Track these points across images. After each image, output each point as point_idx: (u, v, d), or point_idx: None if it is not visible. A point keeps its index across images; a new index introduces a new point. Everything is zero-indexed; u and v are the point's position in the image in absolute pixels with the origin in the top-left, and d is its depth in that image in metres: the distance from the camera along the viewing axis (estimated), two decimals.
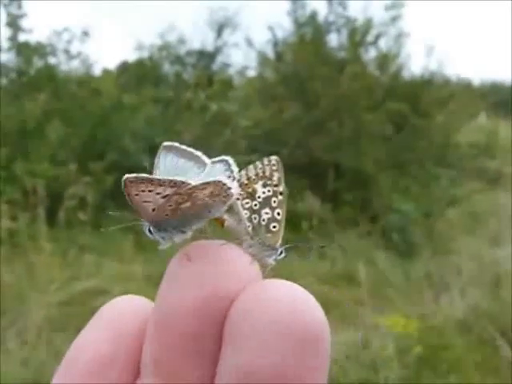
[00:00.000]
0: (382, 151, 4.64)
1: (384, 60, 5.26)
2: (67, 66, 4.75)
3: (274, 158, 0.22)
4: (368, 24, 5.12)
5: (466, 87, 6.92)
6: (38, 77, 4.38)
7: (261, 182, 0.21)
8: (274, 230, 0.21)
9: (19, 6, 4.31)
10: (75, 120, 4.21)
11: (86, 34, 4.45)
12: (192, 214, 0.24)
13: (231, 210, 0.22)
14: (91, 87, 4.65)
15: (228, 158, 0.25)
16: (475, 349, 2.53)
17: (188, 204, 0.23)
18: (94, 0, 7.28)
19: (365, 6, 5.04)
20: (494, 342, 2.52)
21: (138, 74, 5.57)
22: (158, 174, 0.26)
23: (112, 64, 6.99)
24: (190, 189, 0.22)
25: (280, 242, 0.21)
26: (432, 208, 4.32)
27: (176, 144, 0.27)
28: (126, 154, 4.06)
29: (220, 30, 5.97)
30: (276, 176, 0.21)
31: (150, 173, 0.26)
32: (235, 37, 6.04)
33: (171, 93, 4.92)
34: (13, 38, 4.35)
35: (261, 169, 0.22)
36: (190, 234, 0.24)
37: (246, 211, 0.22)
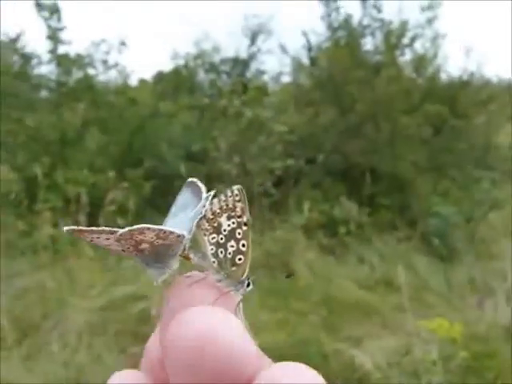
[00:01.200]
0: (420, 154, 4.56)
1: (420, 62, 5.17)
2: (105, 76, 4.86)
3: (236, 187, 0.21)
4: (403, 26, 5.05)
5: (507, 88, 6.74)
6: (76, 87, 4.48)
7: (225, 215, 0.21)
8: (239, 262, 0.21)
9: (59, 19, 4.43)
10: (113, 128, 4.30)
11: (123, 43, 4.53)
12: (157, 252, 0.24)
13: (197, 246, 0.23)
14: (128, 96, 4.73)
15: (211, 193, 0.25)
16: None
17: (146, 245, 0.24)
18: (130, 11, 7.43)
19: (400, 7, 4.97)
20: None
21: (174, 83, 5.64)
22: (174, 209, 0.27)
23: (148, 74, 7.12)
24: (121, 235, 0.24)
25: (246, 273, 0.20)
26: (473, 211, 4.21)
27: (195, 180, 0.27)
28: (163, 161, 4.11)
29: (254, 36, 6.00)
30: (239, 206, 0.21)
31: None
32: (269, 43, 6.07)
33: (206, 100, 4.96)
34: (53, 51, 4.47)
35: (224, 201, 0.21)
36: (169, 269, 0.25)
37: (212, 246, 0.21)
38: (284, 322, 2.71)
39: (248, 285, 0.21)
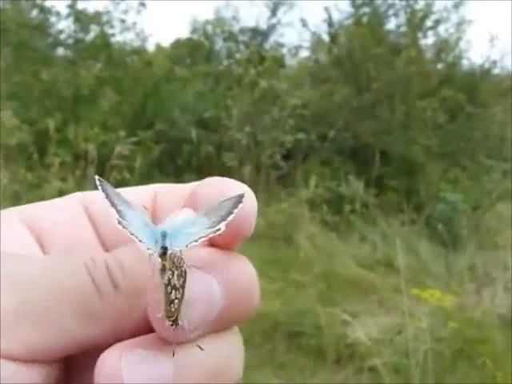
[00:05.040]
0: (433, 139, 4.52)
1: (442, 47, 5.09)
2: (122, 37, 4.83)
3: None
4: (428, 8, 4.95)
5: None
6: (93, 45, 4.46)
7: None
8: (173, 308, 0.19)
9: None
10: (127, 89, 4.29)
11: (142, 4, 4.49)
12: None
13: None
14: (144, 58, 4.71)
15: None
16: None
17: None
18: None
19: None
20: None
21: (191, 49, 5.60)
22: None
23: (166, 40, 7.07)
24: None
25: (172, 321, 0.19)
26: (481, 200, 4.19)
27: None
28: (174, 125, 4.10)
29: (275, 8, 5.91)
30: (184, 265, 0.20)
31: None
32: (290, 16, 5.99)
33: (222, 68, 4.93)
34: (72, 6, 4.44)
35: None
36: None
37: (174, 277, 0.20)
38: (282, 291, 2.73)
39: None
